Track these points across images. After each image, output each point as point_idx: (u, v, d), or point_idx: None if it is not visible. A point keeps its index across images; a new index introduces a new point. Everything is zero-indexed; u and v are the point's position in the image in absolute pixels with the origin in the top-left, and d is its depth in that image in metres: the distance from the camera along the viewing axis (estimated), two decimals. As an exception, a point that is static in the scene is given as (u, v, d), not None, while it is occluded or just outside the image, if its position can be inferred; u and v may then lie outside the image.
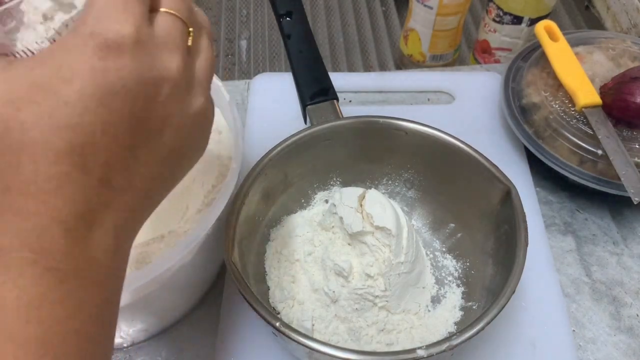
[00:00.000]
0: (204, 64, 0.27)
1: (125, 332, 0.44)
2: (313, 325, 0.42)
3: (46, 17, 0.26)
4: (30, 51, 0.26)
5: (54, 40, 0.26)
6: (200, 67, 0.27)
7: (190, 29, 0.26)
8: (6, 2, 0.26)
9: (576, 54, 0.56)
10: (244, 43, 0.81)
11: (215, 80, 0.45)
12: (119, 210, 0.24)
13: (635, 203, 0.47)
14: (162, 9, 0.25)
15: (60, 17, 0.26)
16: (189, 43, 0.26)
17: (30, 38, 0.26)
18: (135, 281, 0.34)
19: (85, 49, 0.22)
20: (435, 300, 0.46)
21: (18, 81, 0.22)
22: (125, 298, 0.33)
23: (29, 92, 0.22)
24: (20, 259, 0.21)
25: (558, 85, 0.55)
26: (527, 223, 0.41)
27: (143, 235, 0.39)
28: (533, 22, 0.65)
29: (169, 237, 0.40)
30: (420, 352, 0.35)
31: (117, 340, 0.45)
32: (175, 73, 0.24)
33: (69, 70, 0.22)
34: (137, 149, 0.24)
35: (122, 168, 0.23)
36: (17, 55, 0.26)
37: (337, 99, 0.50)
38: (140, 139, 0.24)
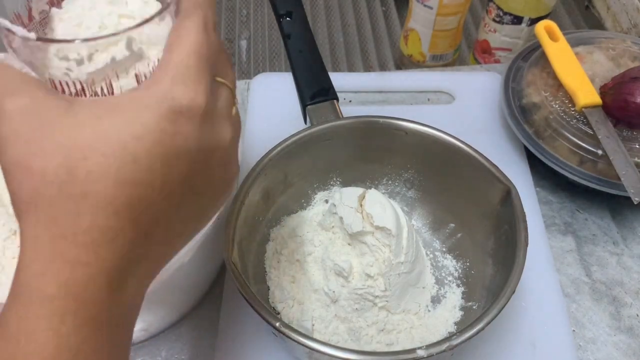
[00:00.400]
0: (239, 132, 0.29)
1: (125, 332, 0.44)
2: (313, 325, 0.42)
3: (92, 55, 0.25)
4: (81, 84, 0.25)
5: (110, 82, 0.26)
6: (237, 135, 0.28)
7: (236, 99, 0.27)
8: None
9: (576, 54, 0.56)
10: (244, 43, 0.81)
11: None
12: (150, 261, 0.25)
13: (635, 203, 0.47)
14: (217, 79, 0.26)
15: (106, 57, 0.25)
16: (233, 112, 0.27)
17: (82, 71, 0.25)
18: (135, 281, 0.34)
19: (158, 109, 0.23)
20: (435, 300, 0.46)
21: (85, 128, 0.22)
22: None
23: (97, 142, 0.22)
24: (63, 307, 0.22)
25: (558, 85, 0.55)
26: (527, 223, 0.41)
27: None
28: (533, 22, 0.65)
29: (169, 237, 0.39)
30: (420, 352, 0.35)
31: (117, 340, 0.45)
32: (227, 143, 0.26)
33: (141, 127, 0.22)
34: (182, 207, 0.25)
35: (165, 224, 0.24)
36: (58, 84, 0.25)
37: (337, 99, 0.50)
38: (186, 199, 0.25)
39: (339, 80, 0.54)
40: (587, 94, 0.52)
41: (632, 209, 0.55)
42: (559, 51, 0.56)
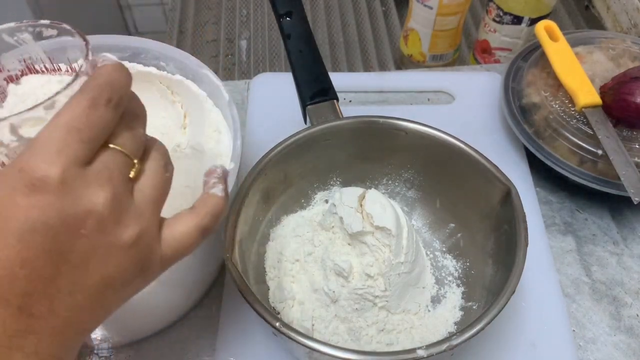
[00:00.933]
0: (147, 191, 0.28)
1: (125, 331, 0.44)
2: (313, 325, 0.42)
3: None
4: None
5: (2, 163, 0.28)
6: (142, 195, 0.28)
7: (135, 161, 0.27)
8: None
9: (576, 54, 0.56)
10: (244, 43, 0.81)
11: (215, 80, 0.45)
12: (42, 335, 0.25)
13: (635, 203, 0.47)
14: (109, 144, 0.27)
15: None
16: (131, 175, 0.27)
17: None
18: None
19: (13, 184, 0.24)
20: (435, 300, 0.46)
21: None
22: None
23: None
24: None
25: (558, 85, 0.55)
26: (527, 223, 0.41)
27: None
28: (533, 22, 0.65)
29: (169, 237, 0.39)
30: (420, 352, 0.35)
31: (117, 339, 0.45)
32: (100, 207, 0.25)
33: None
34: (60, 279, 0.25)
35: (42, 297, 0.24)
36: None
37: (337, 99, 0.50)
38: (64, 270, 0.25)
39: (339, 80, 0.54)
40: (587, 94, 0.52)
41: (632, 209, 0.55)
42: (559, 51, 0.56)
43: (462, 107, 0.62)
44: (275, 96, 0.61)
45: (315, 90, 0.50)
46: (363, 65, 0.78)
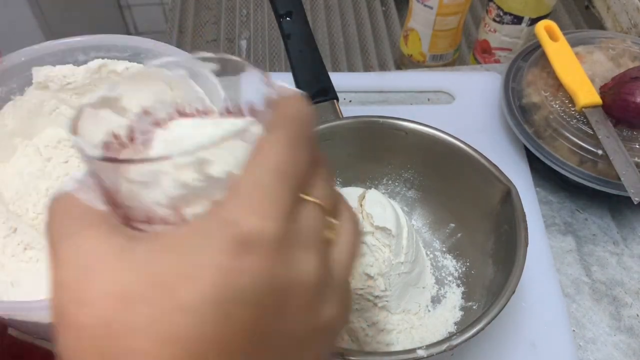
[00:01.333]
0: (344, 259, 0.23)
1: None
2: (313, 325, 0.42)
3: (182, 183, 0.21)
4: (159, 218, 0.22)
5: (180, 211, 0.22)
6: (339, 262, 0.23)
7: (334, 221, 0.23)
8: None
9: (576, 54, 0.56)
10: (244, 43, 0.81)
11: (215, 80, 0.45)
12: None
13: (635, 203, 0.47)
14: (307, 197, 0.21)
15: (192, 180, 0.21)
16: (331, 236, 0.23)
17: (156, 197, 0.21)
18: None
19: (217, 240, 0.19)
20: (435, 300, 0.46)
21: (134, 271, 0.19)
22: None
23: (145, 289, 0.18)
24: None
25: (558, 85, 0.55)
26: (527, 223, 0.41)
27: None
28: (533, 22, 0.65)
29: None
30: (420, 352, 0.35)
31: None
32: (312, 277, 0.21)
33: (193, 266, 0.18)
34: None
35: None
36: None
37: (337, 99, 0.50)
38: (254, 353, 0.20)
39: (339, 80, 0.54)
40: (587, 94, 0.52)
41: (632, 209, 0.55)
42: (559, 51, 0.56)
43: (462, 107, 0.62)
44: (275, 96, 0.61)
45: (315, 90, 0.50)
46: (363, 65, 0.78)
